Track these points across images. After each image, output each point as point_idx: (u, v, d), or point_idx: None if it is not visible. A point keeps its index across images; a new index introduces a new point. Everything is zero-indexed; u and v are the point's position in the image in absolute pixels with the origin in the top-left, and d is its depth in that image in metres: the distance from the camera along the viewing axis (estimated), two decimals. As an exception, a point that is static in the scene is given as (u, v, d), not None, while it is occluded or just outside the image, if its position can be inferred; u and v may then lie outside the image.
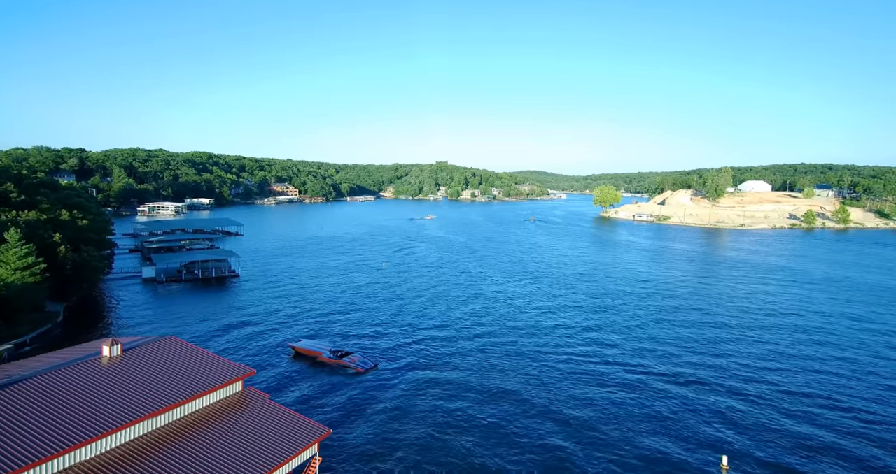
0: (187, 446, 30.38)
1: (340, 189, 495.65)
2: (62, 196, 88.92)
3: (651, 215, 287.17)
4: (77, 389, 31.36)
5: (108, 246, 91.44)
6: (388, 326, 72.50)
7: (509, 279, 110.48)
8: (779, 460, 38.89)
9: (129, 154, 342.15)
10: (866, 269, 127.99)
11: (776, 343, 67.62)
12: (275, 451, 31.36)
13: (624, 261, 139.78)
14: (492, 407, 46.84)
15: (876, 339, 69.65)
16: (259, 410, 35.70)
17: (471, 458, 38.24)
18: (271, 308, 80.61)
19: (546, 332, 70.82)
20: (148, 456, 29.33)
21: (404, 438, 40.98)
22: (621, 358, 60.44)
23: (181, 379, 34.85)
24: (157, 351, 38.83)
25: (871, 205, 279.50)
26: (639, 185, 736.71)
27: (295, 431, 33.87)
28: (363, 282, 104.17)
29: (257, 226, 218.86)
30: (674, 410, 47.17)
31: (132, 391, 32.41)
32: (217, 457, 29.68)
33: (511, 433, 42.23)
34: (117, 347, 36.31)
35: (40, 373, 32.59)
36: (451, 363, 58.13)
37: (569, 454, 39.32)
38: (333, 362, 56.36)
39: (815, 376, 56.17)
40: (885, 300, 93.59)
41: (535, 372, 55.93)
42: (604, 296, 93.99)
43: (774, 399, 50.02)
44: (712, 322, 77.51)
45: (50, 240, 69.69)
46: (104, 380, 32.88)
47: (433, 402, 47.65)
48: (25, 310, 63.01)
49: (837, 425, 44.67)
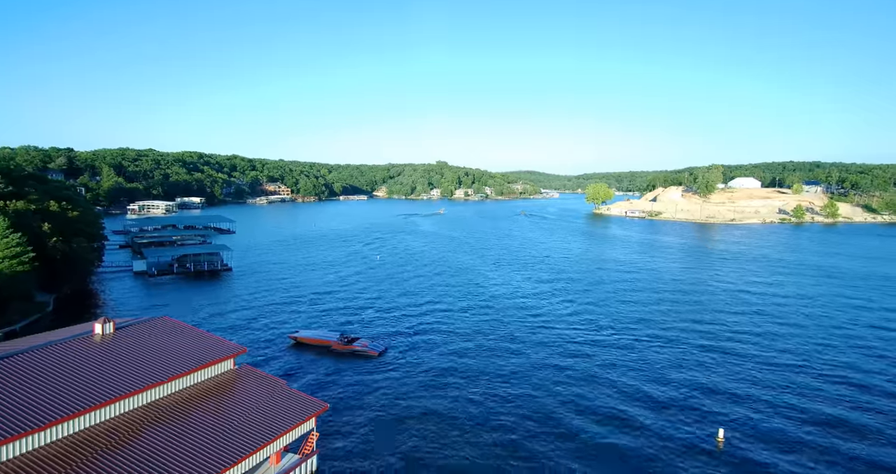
0: (180, 420, 30.12)
1: (333, 188, 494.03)
2: (50, 188, 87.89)
3: (643, 211, 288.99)
4: (68, 365, 31.00)
5: (99, 238, 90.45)
6: (387, 314, 72.37)
7: (502, 269, 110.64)
8: (774, 433, 39.30)
9: (119, 154, 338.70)
10: (852, 258, 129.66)
11: (772, 323, 68.38)
12: (271, 425, 31.16)
13: (616, 248, 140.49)
14: (498, 386, 46.98)
15: (868, 317, 70.74)
16: (254, 386, 35.47)
17: (484, 434, 38.32)
18: (265, 300, 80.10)
19: (542, 311, 71.23)
20: (140, 430, 29.06)
21: (415, 416, 40.95)
22: (615, 332, 60.97)
23: (173, 355, 34.55)
24: (149, 329, 38.49)
25: (858, 201, 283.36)
26: (630, 184, 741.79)
27: (292, 406, 33.68)
28: (358, 274, 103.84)
29: (250, 223, 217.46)
30: (669, 385, 47.66)
31: (123, 367, 32.09)
32: (211, 431, 29.43)
33: (514, 404, 42.38)
34: (109, 325, 35.93)
35: (31, 350, 32.19)
36: (455, 348, 58.32)
37: (567, 427, 39.46)
38: (343, 348, 55.90)
39: (809, 350, 57.09)
40: (873, 283, 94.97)
41: (533, 350, 56.25)
42: (597, 285, 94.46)
43: (768, 373, 50.69)
44: (704, 300, 78.26)
45: (39, 230, 68.80)
46: (95, 357, 32.53)
47: (444, 381, 47.81)
48: (15, 300, 62.15)
49: (831, 397, 45.36)
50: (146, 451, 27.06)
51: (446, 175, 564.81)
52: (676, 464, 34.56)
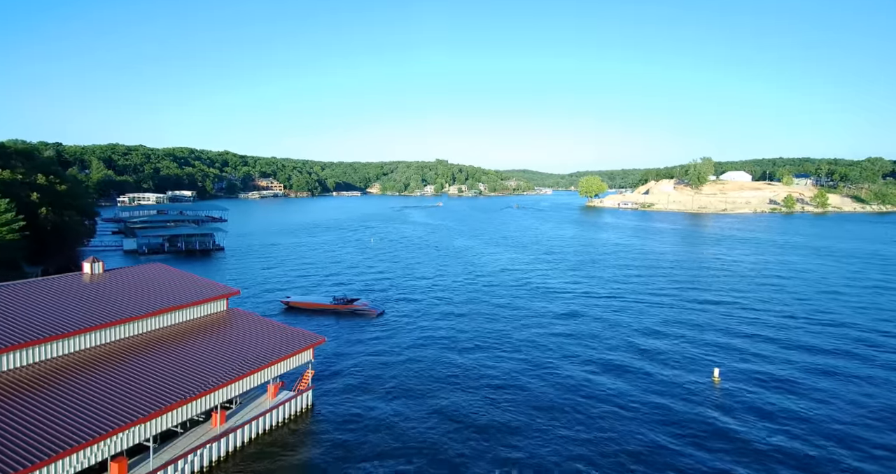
0: (177, 347, 29.66)
1: (326, 184, 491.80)
2: (38, 164, 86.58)
3: (635, 203, 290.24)
4: (56, 296, 30.42)
5: (90, 214, 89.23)
6: (383, 284, 72.13)
7: (497, 248, 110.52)
8: (766, 372, 39.49)
9: (109, 148, 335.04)
10: (839, 240, 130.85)
11: (759, 286, 68.86)
12: (268, 352, 30.76)
13: (608, 232, 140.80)
14: (493, 348, 46.83)
15: (856, 281, 71.55)
16: (250, 322, 35.08)
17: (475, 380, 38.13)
18: (258, 276, 79.39)
19: (535, 281, 71.17)
20: (137, 354, 28.67)
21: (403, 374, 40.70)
22: (608, 295, 61.19)
23: (166, 293, 34.05)
24: (141, 272, 37.97)
25: (847, 192, 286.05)
26: (623, 182, 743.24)
27: (288, 338, 33.32)
28: (352, 254, 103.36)
29: (242, 214, 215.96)
30: (663, 328, 48.02)
31: (115, 299, 31.56)
32: (209, 355, 28.97)
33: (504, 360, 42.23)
34: (99, 265, 35.35)
35: (20, 284, 31.64)
36: (452, 310, 58.26)
37: (562, 370, 39.39)
38: (343, 308, 55.57)
39: (801, 303, 57.85)
40: (863, 258, 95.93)
41: (530, 310, 56.26)
42: (589, 260, 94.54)
43: (762, 320, 51.37)
44: (696, 271, 78.69)
45: (27, 200, 67.74)
46: (87, 291, 31.97)
47: (440, 334, 47.71)
48: (2, 268, 61.04)
49: (818, 340, 45.93)
50: (142, 370, 26.66)
51: (440, 171, 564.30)
52: (676, 398, 34.57)
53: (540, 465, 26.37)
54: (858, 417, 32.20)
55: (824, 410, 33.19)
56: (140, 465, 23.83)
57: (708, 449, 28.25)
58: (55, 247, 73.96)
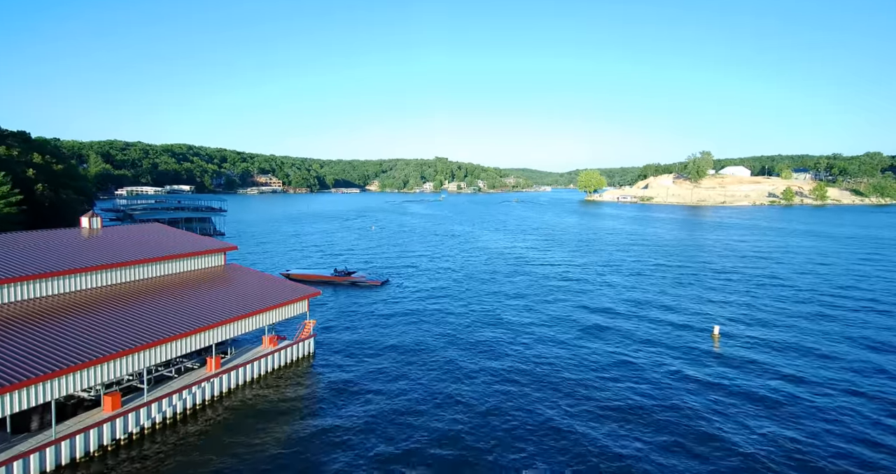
0: (176, 291, 29.43)
1: (325, 181, 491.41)
2: (34, 145, 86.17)
3: (634, 197, 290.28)
4: (54, 243, 30.20)
5: (87, 194, 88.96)
6: (383, 261, 71.97)
7: (498, 234, 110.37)
8: (760, 331, 39.41)
9: (107, 144, 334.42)
10: (838, 226, 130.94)
11: (761, 259, 68.78)
12: (265, 299, 30.53)
13: (608, 221, 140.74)
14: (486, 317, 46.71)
15: (844, 258, 71.60)
16: (248, 275, 34.86)
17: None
18: (258, 258, 79.30)
19: (536, 260, 71.05)
20: (128, 298, 28.49)
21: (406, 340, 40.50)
22: (607, 269, 61.14)
23: (164, 246, 33.82)
24: (139, 229, 37.77)
25: (846, 186, 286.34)
26: (621, 179, 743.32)
27: (284, 288, 33.11)
28: (353, 239, 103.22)
29: (242, 207, 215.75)
30: (666, 290, 47.87)
31: (113, 248, 31.33)
32: (205, 301, 28.72)
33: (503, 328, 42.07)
34: (97, 220, 35.14)
35: (19, 233, 31.44)
36: (448, 281, 58.04)
37: (554, 331, 39.24)
38: (342, 279, 55.64)
39: (798, 271, 57.67)
40: (859, 242, 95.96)
41: (535, 285, 56.09)
42: (589, 243, 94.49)
43: (759, 281, 51.10)
44: (695, 251, 78.69)
45: (24, 176, 67.41)
46: (85, 243, 31.73)
47: (438, 303, 47.47)
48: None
49: (815, 300, 46.03)
50: (138, 310, 26.47)
51: (439, 168, 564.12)
52: (678, 354, 34.44)
53: (525, 408, 26.18)
54: (863, 368, 32.09)
55: (824, 363, 33.07)
56: (133, 402, 23.54)
57: (706, 397, 28.10)
58: (53, 224, 73.58)
